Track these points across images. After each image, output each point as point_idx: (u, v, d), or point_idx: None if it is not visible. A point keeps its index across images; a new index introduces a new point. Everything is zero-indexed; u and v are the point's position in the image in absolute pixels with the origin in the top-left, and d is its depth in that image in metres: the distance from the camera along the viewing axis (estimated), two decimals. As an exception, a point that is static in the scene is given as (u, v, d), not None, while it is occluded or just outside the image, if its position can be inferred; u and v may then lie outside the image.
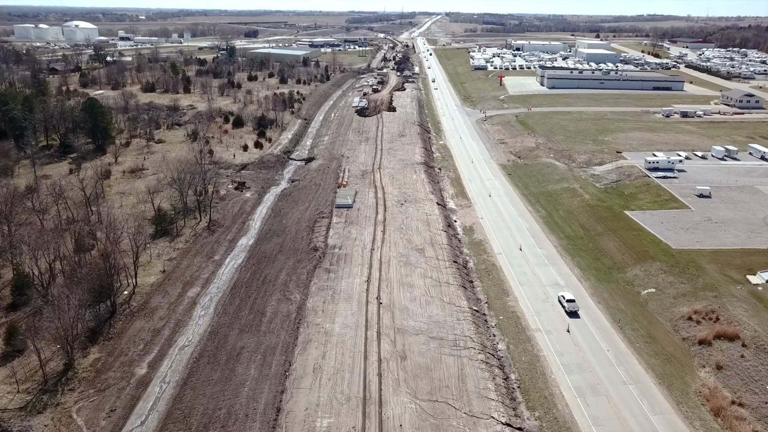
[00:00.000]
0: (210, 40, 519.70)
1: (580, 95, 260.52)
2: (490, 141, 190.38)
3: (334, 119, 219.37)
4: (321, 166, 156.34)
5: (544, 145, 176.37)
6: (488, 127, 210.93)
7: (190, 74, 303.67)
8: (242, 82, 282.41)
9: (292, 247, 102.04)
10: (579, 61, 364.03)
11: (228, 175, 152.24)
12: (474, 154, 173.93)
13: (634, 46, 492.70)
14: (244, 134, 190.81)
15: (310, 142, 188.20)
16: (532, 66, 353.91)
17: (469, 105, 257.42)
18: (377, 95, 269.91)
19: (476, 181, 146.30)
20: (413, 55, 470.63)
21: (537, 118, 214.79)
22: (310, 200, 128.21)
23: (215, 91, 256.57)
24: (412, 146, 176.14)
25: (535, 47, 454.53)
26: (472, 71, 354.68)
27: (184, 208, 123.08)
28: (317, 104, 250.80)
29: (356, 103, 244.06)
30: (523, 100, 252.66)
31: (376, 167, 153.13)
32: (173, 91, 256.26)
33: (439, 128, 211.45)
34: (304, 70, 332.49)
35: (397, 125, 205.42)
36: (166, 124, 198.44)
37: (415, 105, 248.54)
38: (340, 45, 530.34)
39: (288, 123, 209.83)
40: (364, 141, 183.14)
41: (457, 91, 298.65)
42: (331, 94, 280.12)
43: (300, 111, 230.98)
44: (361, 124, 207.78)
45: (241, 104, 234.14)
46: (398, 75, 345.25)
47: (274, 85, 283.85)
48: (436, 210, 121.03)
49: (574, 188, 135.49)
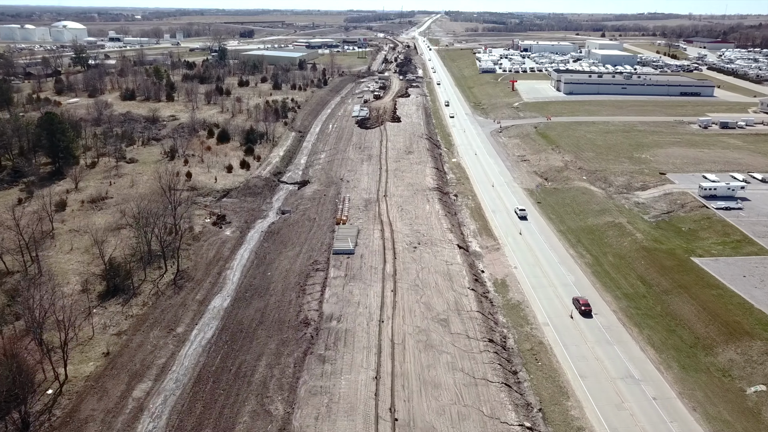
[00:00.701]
0: (202, 41, 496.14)
1: (601, 102, 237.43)
2: (509, 158, 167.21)
3: (332, 132, 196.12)
4: (316, 193, 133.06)
5: (573, 164, 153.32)
6: (505, 141, 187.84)
7: (177, 79, 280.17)
8: (232, 88, 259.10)
9: (277, 318, 78.84)
10: (594, 63, 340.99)
11: (207, 204, 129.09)
12: (493, 175, 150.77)
13: (647, 46, 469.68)
14: (229, 151, 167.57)
15: (304, 161, 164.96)
16: (544, 69, 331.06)
17: (481, 113, 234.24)
18: (379, 102, 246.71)
19: (501, 213, 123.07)
20: (415, 57, 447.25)
21: (559, 129, 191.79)
22: (302, 242, 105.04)
23: (201, 98, 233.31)
24: (421, 166, 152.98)
25: (544, 48, 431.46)
26: (480, 74, 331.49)
27: (147, 253, 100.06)
28: (313, 113, 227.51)
29: (356, 113, 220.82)
30: (540, 107, 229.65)
31: (382, 194, 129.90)
32: (155, 99, 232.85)
33: (450, 142, 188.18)
34: (300, 73, 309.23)
35: (403, 139, 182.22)
36: (142, 139, 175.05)
37: (422, 114, 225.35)
38: (338, 46, 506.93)
39: (280, 137, 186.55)
40: (366, 159, 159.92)
41: (465, 97, 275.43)
42: (329, 101, 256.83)
43: (294, 122, 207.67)
44: (363, 138, 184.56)
45: (229, 114, 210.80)
46: (401, 79, 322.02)
47: (267, 91, 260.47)
48: (458, 256, 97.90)
49: (620, 223, 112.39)
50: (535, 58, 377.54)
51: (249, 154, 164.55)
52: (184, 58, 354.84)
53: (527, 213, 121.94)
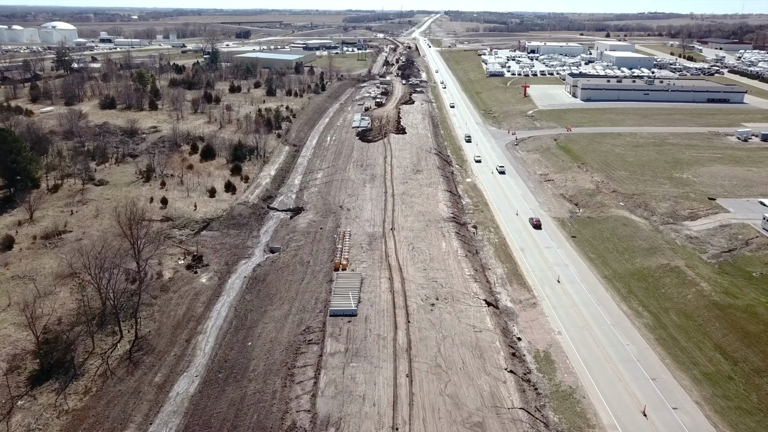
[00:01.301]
0: (195, 42, 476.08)
1: (623, 110, 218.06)
2: (531, 177, 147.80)
3: (331, 145, 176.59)
4: (311, 225, 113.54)
5: (606, 186, 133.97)
6: (523, 155, 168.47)
7: (163, 84, 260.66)
8: (222, 95, 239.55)
9: (256, 421, 59.33)
10: (608, 66, 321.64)
11: (182, 239, 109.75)
12: (516, 199, 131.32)
13: (658, 47, 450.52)
14: (214, 170, 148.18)
15: (299, 181, 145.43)
16: (555, 72, 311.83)
17: (493, 122, 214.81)
18: (381, 110, 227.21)
19: (532, 252, 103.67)
20: (418, 59, 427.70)
21: (582, 142, 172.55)
22: (292, 296, 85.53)
23: (187, 107, 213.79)
24: (432, 188, 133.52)
25: (552, 49, 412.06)
26: (487, 78, 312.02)
27: (100, 313, 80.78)
28: (310, 123, 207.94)
29: (357, 123, 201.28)
30: (557, 116, 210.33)
31: (388, 227, 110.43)
32: (137, 108, 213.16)
33: (462, 157, 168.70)
34: (296, 77, 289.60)
35: (410, 155, 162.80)
36: (116, 156, 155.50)
37: (428, 124, 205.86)
38: (337, 47, 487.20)
39: (272, 151, 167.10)
40: (369, 180, 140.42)
41: (474, 103, 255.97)
42: (327, 108, 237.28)
43: (288, 134, 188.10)
44: (365, 153, 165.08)
45: (216, 125, 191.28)
46: (403, 83, 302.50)
47: (260, 98, 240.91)
48: (487, 317, 78.50)
49: (676, 267, 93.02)
50: (545, 61, 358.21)
51: (236, 173, 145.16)
52: (173, 61, 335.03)
53: (563, 252, 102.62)
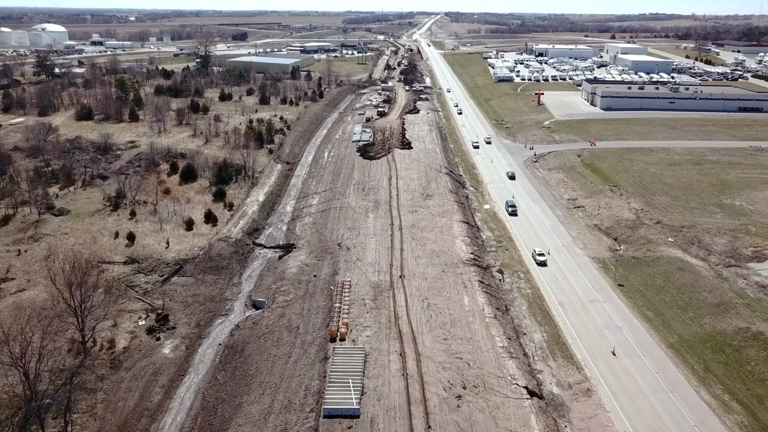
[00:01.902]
0: (188, 45, 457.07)
1: (649, 121, 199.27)
2: (558, 203, 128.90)
3: (328, 163, 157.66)
4: (304, 271, 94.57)
5: (647, 215, 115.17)
6: (545, 175, 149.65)
7: (149, 91, 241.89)
8: (211, 104, 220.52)
9: None
10: (624, 70, 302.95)
11: (148, 287, 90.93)
12: (544, 232, 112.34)
13: (671, 50, 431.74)
14: (194, 195, 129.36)
15: (291, 208, 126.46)
16: (568, 77, 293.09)
17: (507, 134, 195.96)
18: (384, 121, 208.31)
19: (574, 307, 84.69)
20: (420, 62, 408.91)
21: (610, 159, 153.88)
22: (275, 382, 66.47)
23: (172, 118, 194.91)
24: (446, 219, 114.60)
25: (561, 53, 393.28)
26: (496, 84, 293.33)
27: (25, 406, 62.15)
28: (306, 136, 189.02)
29: (357, 136, 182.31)
30: (577, 127, 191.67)
31: (397, 273, 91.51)
32: (115, 119, 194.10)
33: (477, 177, 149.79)
34: (292, 83, 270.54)
35: (418, 174, 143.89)
36: (84, 178, 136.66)
37: (436, 136, 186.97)
38: (336, 50, 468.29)
39: (263, 171, 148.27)
40: (372, 208, 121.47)
41: (483, 112, 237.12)
42: (325, 118, 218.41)
43: (281, 149, 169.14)
44: (366, 173, 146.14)
45: (202, 139, 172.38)
46: (407, 89, 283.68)
47: (252, 107, 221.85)
48: (532, 418, 59.55)
49: (760, 334, 74.15)
50: (555, 65, 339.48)
51: (219, 199, 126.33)
52: (162, 66, 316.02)
53: (612, 307, 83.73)
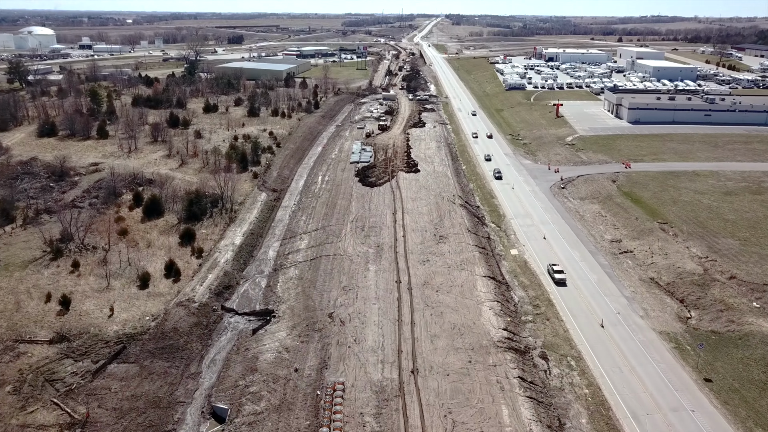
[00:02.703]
0: (177, 49, 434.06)
1: (686, 137, 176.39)
2: (599, 246, 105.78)
3: (322, 191, 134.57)
4: (282, 359, 71.16)
5: (716, 267, 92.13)
6: (577, 206, 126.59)
7: (126, 102, 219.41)
8: (193, 117, 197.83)
9: None
10: (645, 77, 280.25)
11: (74, 382, 68.06)
12: (591, 291, 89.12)
13: (689, 54, 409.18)
14: (156, 237, 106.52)
15: (273, 253, 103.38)
16: (584, 84, 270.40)
17: (525, 152, 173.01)
18: (386, 137, 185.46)
19: (654, 421, 61.52)
20: (423, 67, 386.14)
21: (652, 186, 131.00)
22: None
23: (146, 133, 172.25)
24: (467, 274, 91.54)
25: (573, 57, 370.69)
26: (506, 92, 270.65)
27: None
28: (297, 155, 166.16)
29: (356, 156, 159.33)
30: (606, 145, 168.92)
31: (407, 368, 68.22)
32: (82, 136, 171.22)
33: (497, 209, 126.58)
34: (285, 92, 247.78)
35: (428, 207, 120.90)
36: (26, 214, 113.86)
37: (446, 155, 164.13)
38: (334, 54, 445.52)
39: (244, 201, 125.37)
40: (373, 256, 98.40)
41: (496, 124, 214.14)
42: (320, 132, 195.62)
43: (268, 172, 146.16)
44: (366, 206, 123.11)
45: (177, 160, 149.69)
46: (410, 98, 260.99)
47: (239, 120, 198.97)
48: None
49: None
50: (569, 71, 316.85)
51: (187, 242, 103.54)
52: (145, 72, 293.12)
53: (704, 418, 60.71)
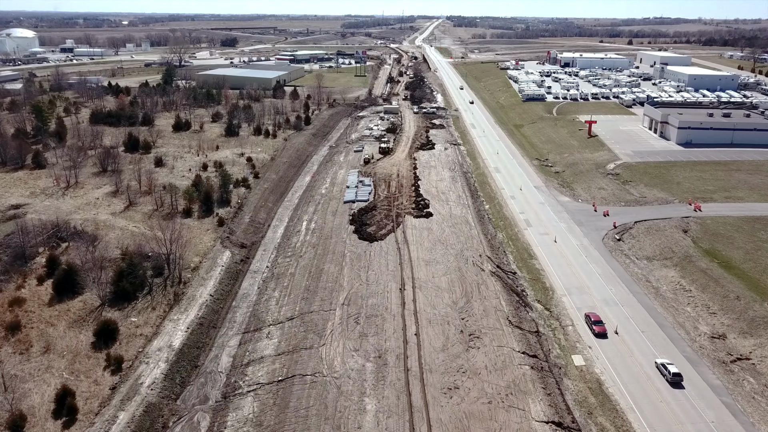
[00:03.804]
0: (159, 53, 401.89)
1: (756, 166, 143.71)
2: (693, 344, 73.39)
3: (305, 247, 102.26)
4: None
5: None
6: (645, 271, 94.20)
7: (83, 117, 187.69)
8: (159, 137, 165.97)
9: None
10: (680, 87, 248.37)
11: None
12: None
13: (716, 59, 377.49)
14: (62, 333, 74.28)
15: (228, 360, 70.88)
16: (612, 95, 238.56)
17: (560, 185, 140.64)
18: (388, 163, 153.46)
19: None
20: (428, 73, 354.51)
21: (738, 240, 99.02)
22: None
23: (95, 161, 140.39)
24: (518, 417, 59.46)
25: (591, 62, 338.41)
26: (524, 103, 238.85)
27: None
28: (279, 189, 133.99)
29: (351, 193, 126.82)
30: (659, 175, 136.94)
31: None
32: (14, 165, 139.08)
33: (541, 278, 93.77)
34: (272, 104, 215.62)
35: (448, 279, 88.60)
36: None
37: (463, 191, 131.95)
38: (331, 58, 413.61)
39: (198, 268, 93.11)
40: (372, 381, 65.62)
41: (518, 145, 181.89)
42: (310, 156, 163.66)
43: (238, 217, 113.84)
44: (363, 276, 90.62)
45: (124, 200, 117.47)
46: (415, 111, 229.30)
47: (213, 141, 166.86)
48: None
49: None
50: (590, 79, 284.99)
51: (103, 344, 71.58)
52: (117, 81, 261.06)
53: None
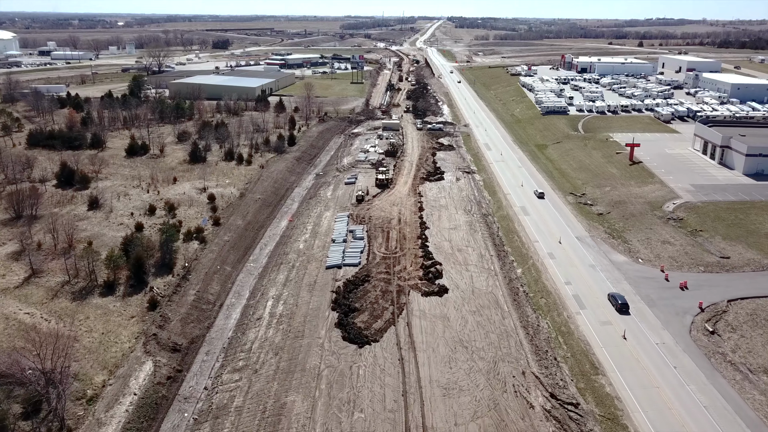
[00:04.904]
0: (136, 56, 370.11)
1: None
2: None
3: (263, 353, 70.11)
4: None
5: None
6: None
7: (19, 139, 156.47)
8: (105, 165, 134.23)
9: None
10: (723, 98, 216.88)
11: None
12: None
13: (746, 64, 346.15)
14: None
15: None
16: (644, 107, 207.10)
17: (608, 234, 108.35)
18: (387, 201, 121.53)
19: None
20: (432, 80, 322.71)
21: None
22: None
23: (5, 205, 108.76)
24: None
25: (611, 68, 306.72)
26: (543, 117, 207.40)
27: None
28: (243, 244, 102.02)
29: (336, 253, 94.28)
30: (736, 222, 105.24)
31: None
32: None
33: (617, 416, 61.86)
34: (252, 119, 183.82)
35: (477, 425, 57.17)
36: None
37: (486, 248, 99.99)
38: (327, 63, 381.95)
39: (99, 395, 61.37)
40: None
41: (545, 174, 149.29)
42: (290, 190, 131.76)
43: (179, 296, 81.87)
44: (344, 422, 59.15)
45: (25, 267, 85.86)
46: (419, 127, 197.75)
47: (172, 170, 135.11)
48: None
49: None
50: (614, 87, 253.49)
51: None
52: (76, 91, 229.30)
53: None
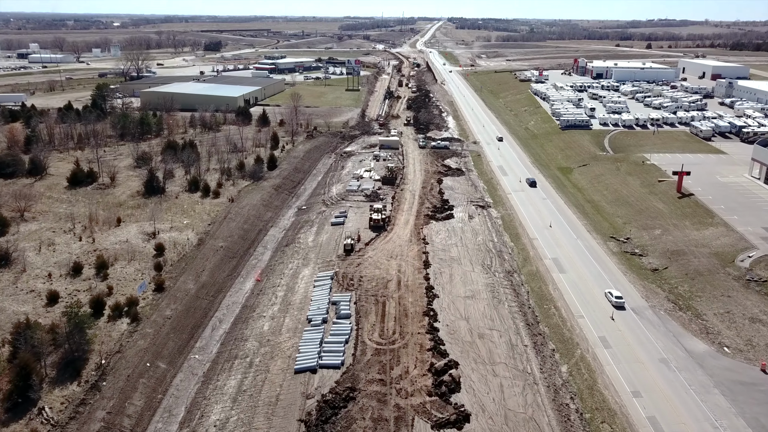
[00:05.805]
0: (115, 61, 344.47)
1: None
2: None
3: None
4: None
5: None
6: None
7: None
8: (41, 198, 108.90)
9: None
10: (765, 109, 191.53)
11: None
12: None
13: (763, 67, 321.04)
14: None
15: None
16: (676, 120, 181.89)
17: (673, 303, 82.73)
18: (382, 252, 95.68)
19: None
20: (434, 86, 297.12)
21: None
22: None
23: None
24: None
25: (631, 74, 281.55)
26: (563, 132, 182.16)
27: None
28: (190, 318, 76.27)
29: (310, 344, 68.42)
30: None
31: None
32: None
33: None
34: (228, 137, 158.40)
35: None
36: None
37: (517, 332, 74.22)
38: (320, 68, 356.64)
39: None
40: None
41: (577, 208, 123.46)
42: (263, 232, 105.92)
43: (77, 424, 56.98)
44: None
45: None
46: (421, 144, 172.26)
47: (119, 206, 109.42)
48: None
49: None
50: (638, 96, 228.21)
51: None
52: (32, 101, 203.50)
53: None
